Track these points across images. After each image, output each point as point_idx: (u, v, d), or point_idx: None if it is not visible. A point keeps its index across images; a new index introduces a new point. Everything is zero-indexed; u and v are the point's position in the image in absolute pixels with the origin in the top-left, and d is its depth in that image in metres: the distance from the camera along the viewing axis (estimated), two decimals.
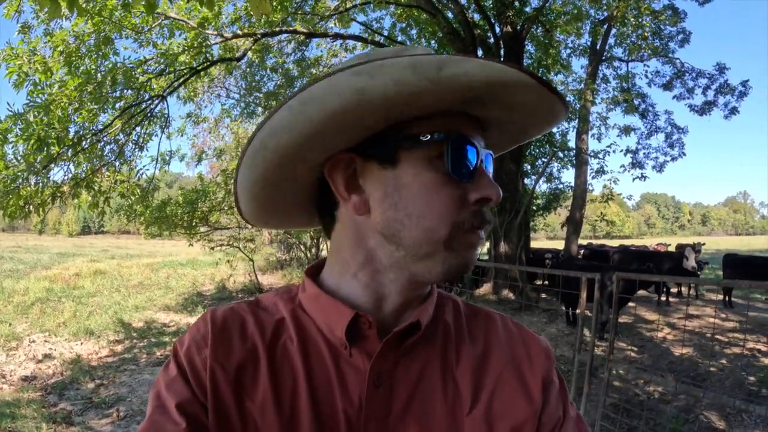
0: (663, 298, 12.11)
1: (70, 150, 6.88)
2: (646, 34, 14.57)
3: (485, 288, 11.94)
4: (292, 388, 0.65)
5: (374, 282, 0.69)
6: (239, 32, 8.92)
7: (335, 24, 11.36)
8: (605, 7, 12.20)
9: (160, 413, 0.62)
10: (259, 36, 9.10)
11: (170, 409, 0.62)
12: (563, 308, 10.00)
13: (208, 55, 8.68)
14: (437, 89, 0.58)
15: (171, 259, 21.64)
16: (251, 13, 8.99)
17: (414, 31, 12.95)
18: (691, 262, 10.79)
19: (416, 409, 0.66)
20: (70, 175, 7.36)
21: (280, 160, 0.65)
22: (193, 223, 12.02)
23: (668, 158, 17.00)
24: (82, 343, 8.25)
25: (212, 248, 13.59)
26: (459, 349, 0.73)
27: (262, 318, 0.71)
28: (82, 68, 6.97)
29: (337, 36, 11.55)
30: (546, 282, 13.22)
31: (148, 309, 11.32)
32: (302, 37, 11.12)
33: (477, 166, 0.65)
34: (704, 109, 16.48)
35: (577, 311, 9.20)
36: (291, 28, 9.89)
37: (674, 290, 13.47)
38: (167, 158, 9.78)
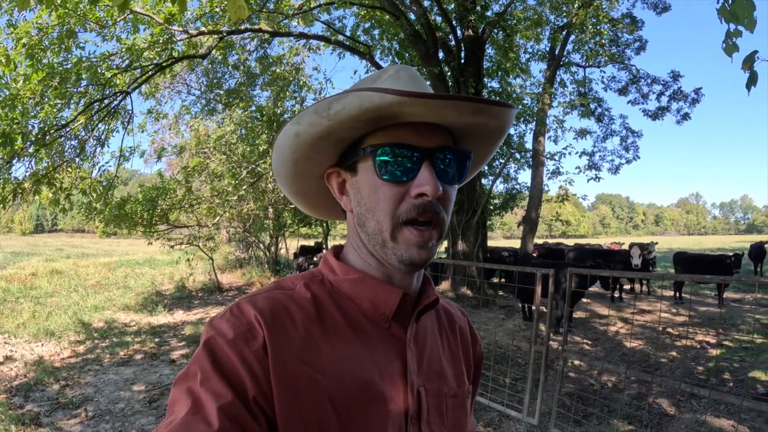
0: (616, 294, 12.56)
1: (32, 146, 6.76)
2: (603, 41, 15.03)
3: (444, 285, 12.17)
4: (355, 362, 0.77)
5: (375, 262, 0.84)
6: (203, 29, 8.86)
7: (298, 23, 11.37)
8: (565, 14, 12.53)
9: (193, 412, 0.64)
10: (224, 34, 9.06)
11: (206, 408, 0.64)
12: (519, 304, 10.27)
13: (172, 51, 8.61)
14: (334, 123, 0.74)
15: (128, 258, 21.21)
16: (216, 11, 8.97)
17: (377, 32, 13.04)
18: (635, 261, 11.28)
19: (432, 360, 0.88)
20: (31, 172, 7.22)
21: (291, 179, 0.89)
22: (153, 222, 11.86)
23: (623, 161, 17.62)
24: (43, 345, 8.05)
25: (172, 247, 13.44)
26: (438, 315, 0.97)
27: (299, 301, 0.80)
28: (44, 62, 6.85)
29: (301, 35, 11.55)
30: (503, 279, 13.50)
31: (107, 309, 11.10)
32: (266, 36, 11.11)
33: (416, 166, 0.76)
34: (657, 114, 17.07)
35: (533, 307, 9.53)
36: (256, 27, 9.87)
37: (627, 287, 13.95)
38: (127, 155, 9.65)
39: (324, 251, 13.72)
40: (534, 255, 14.63)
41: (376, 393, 0.76)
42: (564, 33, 14.34)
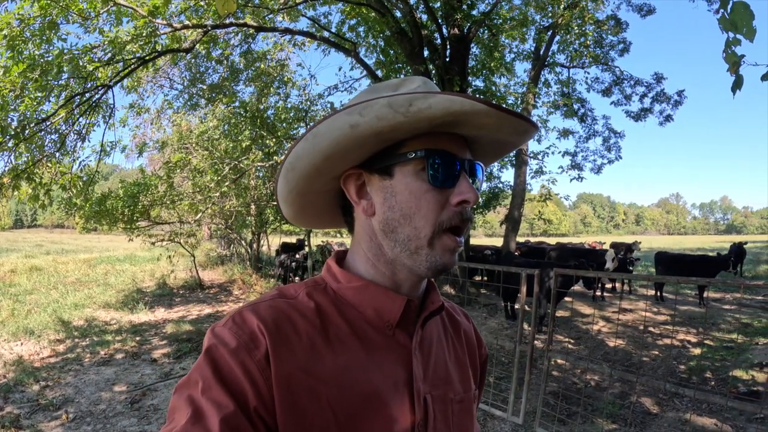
0: (598, 293, 12.66)
1: (11, 140, 6.61)
2: (588, 42, 15.10)
3: None
4: (359, 371, 0.77)
5: (389, 270, 0.84)
6: (187, 22, 8.73)
7: (284, 18, 11.28)
8: (551, 15, 12.57)
9: (193, 421, 0.64)
10: (209, 27, 8.94)
11: (207, 417, 0.64)
12: (502, 303, 10.33)
13: (156, 44, 8.47)
14: (409, 120, 0.73)
15: (108, 255, 20.83)
16: (201, 4, 8.85)
17: (362, 29, 12.99)
18: (608, 264, 11.46)
19: (438, 366, 0.88)
20: (10, 166, 7.08)
21: (305, 177, 0.84)
22: (134, 218, 11.70)
23: (605, 161, 17.76)
24: (22, 344, 7.91)
25: (153, 243, 13.28)
26: (443, 319, 0.98)
27: (302, 310, 0.79)
28: (25, 53, 6.70)
29: (286, 31, 11.47)
30: (485, 278, 13.54)
31: (87, 307, 10.93)
32: (251, 30, 10.99)
33: (458, 174, 0.79)
34: (640, 115, 17.23)
35: (516, 306, 9.58)
36: (241, 21, 9.77)
37: (609, 286, 14.07)
38: (108, 149, 9.48)
39: (306, 248, 13.69)
40: (516, 254, 14.70)
41: (380, 402, 0.76)
42: (549, 33, 14.41)
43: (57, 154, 7.80)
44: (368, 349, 0.79)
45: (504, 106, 0.76)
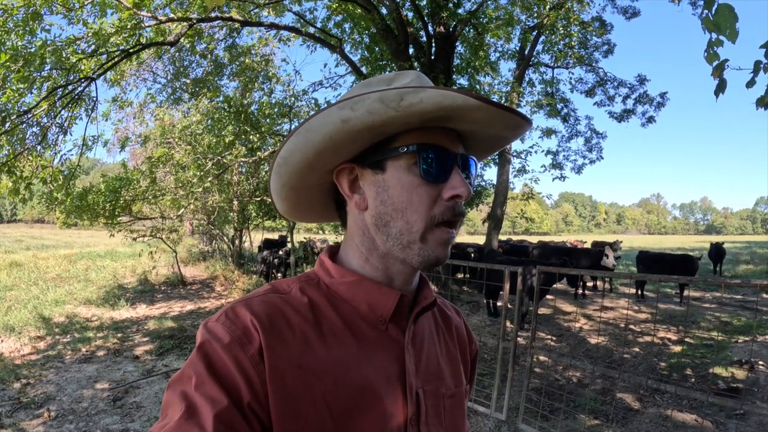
0: (579, 291, 12.78)
1: None
2: (573, 43, 15.19)
3: None
4: (353, 365, 0.77)
5: (382, 265, 0.85)
6: (173, 15, 8.64)
7: (269, 13, 11.22)
8: (536, 15, 12.63)
9: (187, 417, 0.64)
10: (194, 21, 8.85)
11: (200, 413, 0.64)
12: (485, 300, 10.39)
13: (140, 37, 8.37)
14: (401, 115, 0.73)
15: (89, 251, 20.59)
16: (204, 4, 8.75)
17: (348, 26, 12.96)
18: (610, 260, 11.49)
19: (430, 361, 0.89)
20: None
21: (298, 172, 0.84)
22: (116, 213, 11.55)
23: (587, 161, 17.86)
24: (2, 341, 7.79)
25: (134, 239, 13.14)
26: (434, 315, 0.99)
27: (296, 305, 0.80)
28: (8, 44, 6.58)
29: (272, 26, 11.39)
30: (467, 275, 13.62)
31: (68, 303, 10.81)
32: (236, 25, 10.91)
33: (450, 169, 0.79)
34: (623, 116, 17.35)
35: (499, 303, 9.64)
36: (227, 15, 9.69)
37: (590, 284, 14.21)
38: (90, 143, 9.34)
39: (288, 245, 13.63)
40: (499, 251, 14.79)
41: (374, 396, 0.77)
42: (534, 33, 14.45)
43: (38, 148, 7.67)
44: (361, 344, 0.80)
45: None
